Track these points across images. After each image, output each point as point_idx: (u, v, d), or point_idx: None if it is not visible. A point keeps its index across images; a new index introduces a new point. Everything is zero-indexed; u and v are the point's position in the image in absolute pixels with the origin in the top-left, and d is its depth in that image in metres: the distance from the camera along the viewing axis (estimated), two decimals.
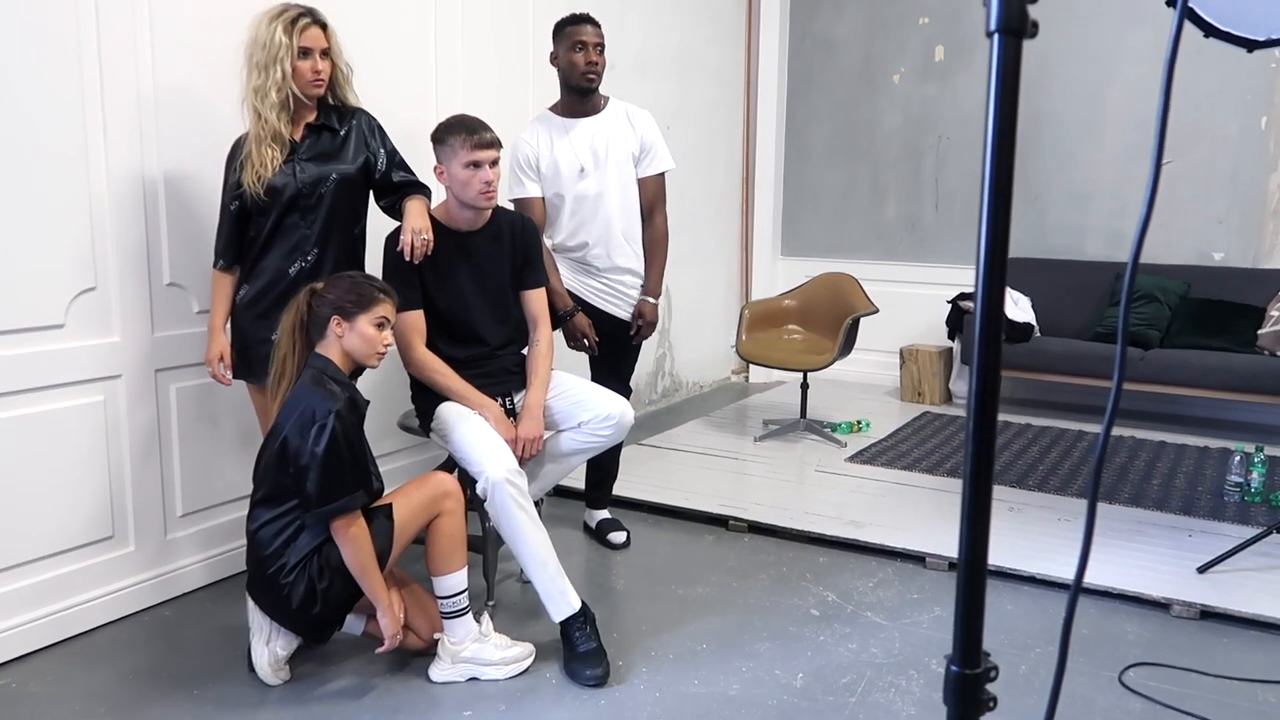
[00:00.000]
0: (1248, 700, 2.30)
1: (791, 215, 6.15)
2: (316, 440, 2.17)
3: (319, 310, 2.31)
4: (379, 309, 2.32)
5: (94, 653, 2.54)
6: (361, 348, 2.32)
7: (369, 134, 2.64)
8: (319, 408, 2.19)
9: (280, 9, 2.46)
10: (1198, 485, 3.81)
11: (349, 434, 2.22)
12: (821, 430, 4.55)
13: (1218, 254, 5.02)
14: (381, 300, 2.33)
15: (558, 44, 3.07)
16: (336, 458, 2.19)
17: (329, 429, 2.17)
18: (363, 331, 2.30)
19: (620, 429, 2.72)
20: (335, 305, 2.29)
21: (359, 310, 2.29)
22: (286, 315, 2.34)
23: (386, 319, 2.34)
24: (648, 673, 2.44)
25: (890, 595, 2.91)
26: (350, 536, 2.21)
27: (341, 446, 2.19)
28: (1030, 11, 0.83)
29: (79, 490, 2.61)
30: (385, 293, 2.36)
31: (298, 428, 2.20)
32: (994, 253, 0.88)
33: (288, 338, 2.33)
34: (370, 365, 2.38)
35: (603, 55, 3.06)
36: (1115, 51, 5.12)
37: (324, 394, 2.22)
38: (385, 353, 2.36)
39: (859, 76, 5.85)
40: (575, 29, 3.03)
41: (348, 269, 2.60)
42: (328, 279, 2.40)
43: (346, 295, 2.30)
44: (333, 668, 2.45)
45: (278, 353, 2.35)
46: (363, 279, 2.37)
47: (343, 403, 2.22)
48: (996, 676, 0.94)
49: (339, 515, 2.20)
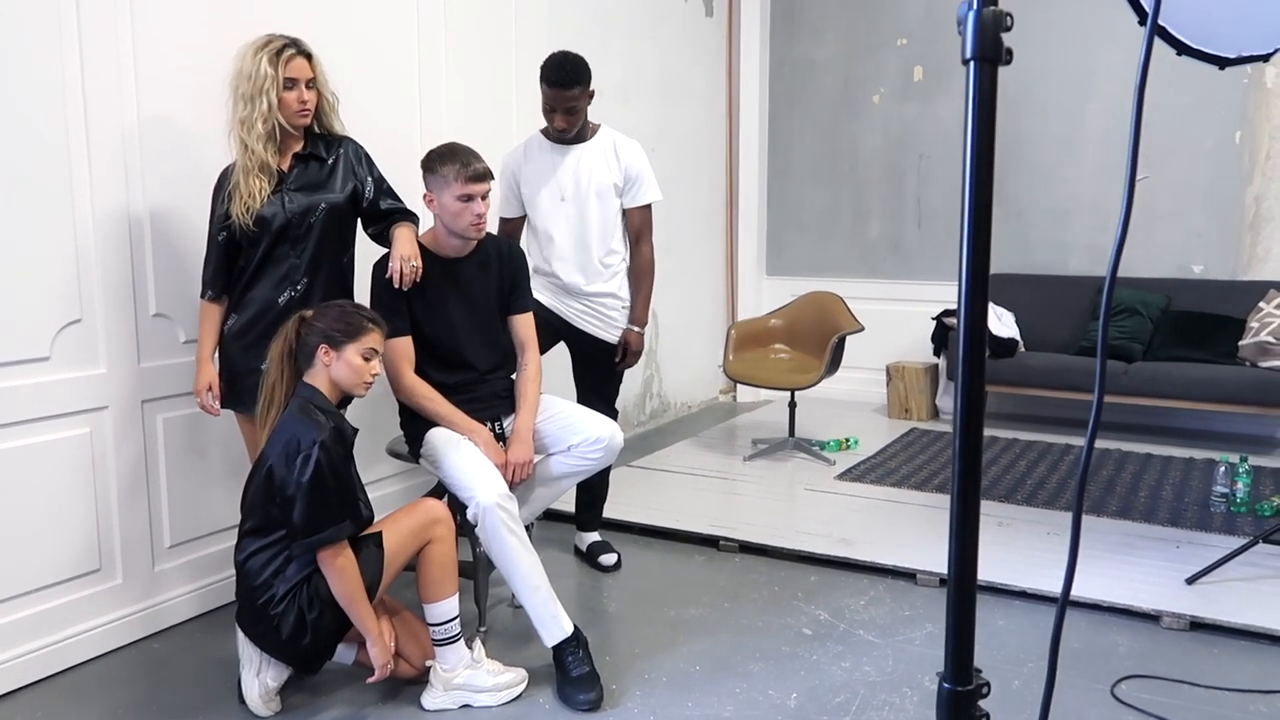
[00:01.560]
0: (1239, 711, 2.31)
1: (776, 235, 6.19)
2: (301, 470, 2.17)
3: (307, 339, 2.31)
4: (367, 339, 2.32)
5: (82, 688, 2.51)
6: (348, 377, 2.31)
7: (356, 162, 2.66)
8: (304, 437, 2.19)
9: (265, 41, 2.47)
10: (1184, 497, 3.84)
11: (334, 464, 2.21)
12: (810, 449, 4.56)
13: (1197, 267, 5.08)
14: (370, 330, 2.33)
15: (540, 83, 3.00)
16: (321, 488, 2.18)
17: (314, 459, 2.16)
18: (350, 361, 2.30)
19: (610, 452, 2.73)
20: (324, 334, 2.29)
21: (347, 340, 2.29)
22: (275, 343, 2.34)
23: (375, 349, 2.34)
24: (641, 696, 2.44)
25: (882, 613, 2.91)
26: (337, 567, 2.20)
27: (326, 477, 2.18)
28: (1004, 39, 0.85)
29: (66, 523, 2.59)
30: (374, 322, 2.35)
31: (283, 458, 2.20)
32: (975, 270, 0.90)
33: (276, 366, 2.33)
34: (357, 394, 2.38)
35: (576, 113, 2.99)
36: (1092, 70, 5.20)
37: (309, 424, 2.21)
38: (372, 382, 2.36)
39: (839, 98, 5.91)
40: (550, 90, 2.96)
41: (337, 298, 2.60)
42: (317, 307, 2.40)
43: (335, 324, 2.30)
44: (324, 698, 2.44)
45: (266, 380, 2.34)
46: (352, 308, 2.37)
47: (328, 432, 2.21)
48: (989, 692, 0.95)
49: (324, 546, 2.19)
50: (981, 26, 0.90)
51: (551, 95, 2.96)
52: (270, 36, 2.48)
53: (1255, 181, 4.92)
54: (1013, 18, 0.91)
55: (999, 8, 0.89)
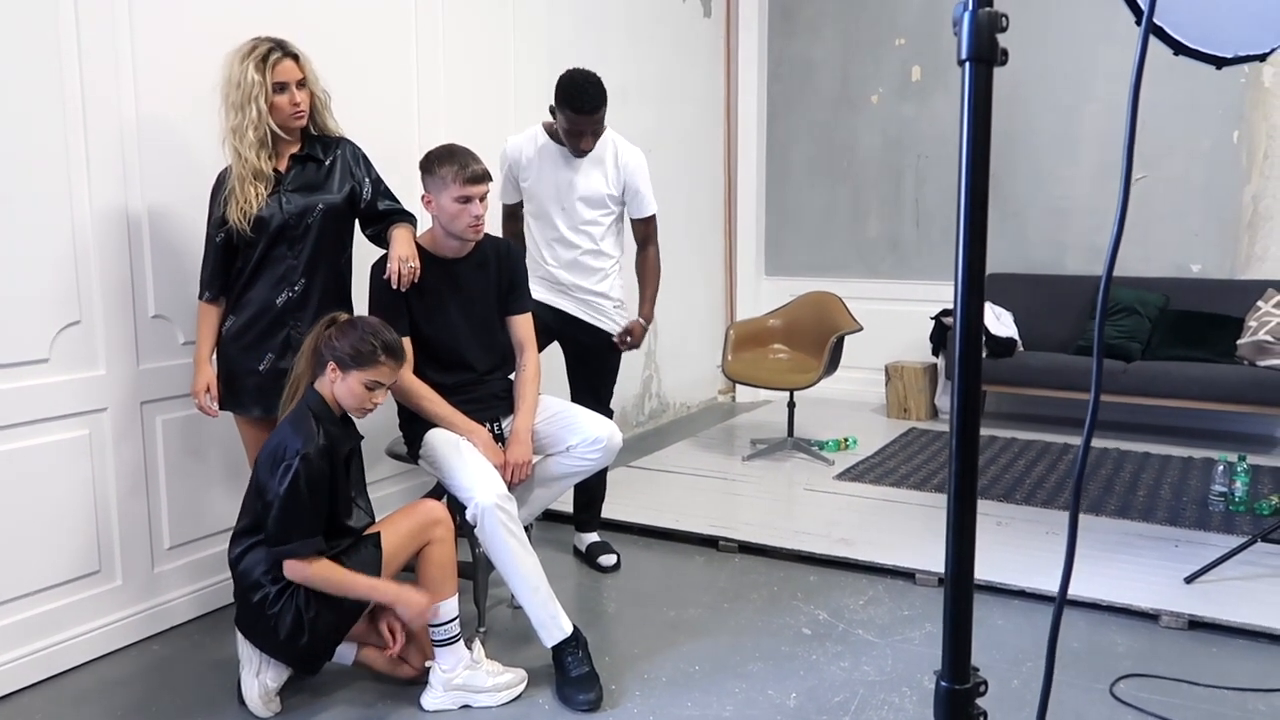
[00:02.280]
0: (1237, 709, 2.32)
1: (774, 235, 6.19)
2: (280, 479, 2.18)
3: (324, 350, 2.31)
4: (374, 372, 2.28)
5: (82, 690, 2.51)
6: (347, 400, 2.31)
7: (354, 163, 2.65)
8: (290, 446, 2.20)
9: (250, 46, 2.44)
10: (1183, 496, 3.84)
11: (313, 478, 2.19)
12: (809, 449, 4.57)
13: (1195, 266, 5.08)
14: (380, 365, 2.29)
15: (557, 105, 2.95)
16: (296, 500, 2.18)
17: (293, 470, 2.17)
18: (352, 387, 2.29)
19: (609, 452, 2.73)
20: (336, 353, 2.28)
21: (354, 367, 2.27)
22: (309, 338, 2.35)
23: (380, 383, 2.31)
24: (641, 696, 2.44)
25: (881, 612, 2.91)
26: (309, 575, 2.21)
27: (302, 491, 2.18)
28: (1000, 40, 0.85)
29: (65, 525, 2.59)
30: (390, 358, 2.30)
31: (269, 463, 2.22)
32: (971, 269, 0.90)
33: (305, 360, 2.34)
34: (355, 417, 2.38)
35: (599, 134, 3.00)
36: (1089, 70, 5.20)
37: (299, 434, 2.21)
38: (372, 409, 2.34)
39: (837, 97, 5.92)
40: (573, 115, 2.91)
41: (335, 298, 2.61)
42: (350, 318, 2.37)
43: (350, 348, 2.27)
44: (324, 699, 2.44)
45: (293, 373, 2.36)
46: (372, 335, 2.29)
47: (315, 447, 2.20)
48: (986, 691, 0.96)
49: (290, 558, 2.20)
50: (977, 27, 0.90)
51: (577, 120, 2.93)
52: (256, 41, 2.45)
53: (1253, 181, 4.92)
54: (1008, 19, 0.91)
55: (994, 9, 0.90)
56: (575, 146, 3.02)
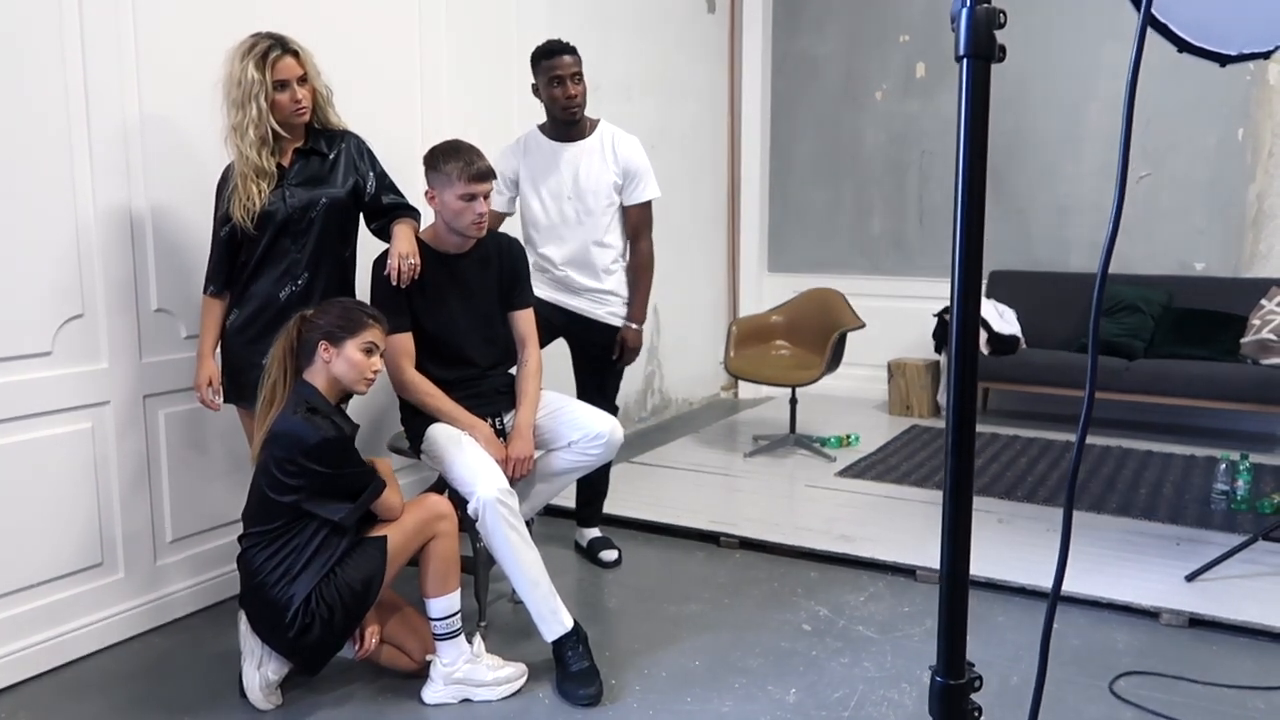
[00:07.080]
0: (1237, 707, 2.32)
1: (777, 232, 6.19)
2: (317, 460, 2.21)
3: (308, 336, 2.32)
4: (367, 334, 2.32)
5: (84, 681, 2.52)
6: (349, 373, 2.32)
7: (358, 157, 2.66)
8: (309, 436, 2.20)
9: (250, 44, 2.43)
10: (1184, 494, 3.84)
11: (345, 448, 2.27)
12: (811, 445, 4.57)
13: (1199, 264, 5.07)
14: (370, 325, 2.33)
15: (536, 76, 3.06)
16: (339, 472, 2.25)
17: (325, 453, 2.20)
18: (350, 357, 2.30)
19: (610, 447, 2.73)
20: (324, 330, 2.30)
21: (347, 335, 2.29)
22: (278, 342, 2.34)
23: (375, 344, 2.34)
24: (641, 691, 2.44)
25: (881, 609, 2.91)
26: (387, 508, 2.35)
27: (341, 461, 2.25)
28: (1000, 36, 0.85)
29: (68, 517, 2.60)
30: (375, 318, 2.36)
31: (284, 465, 2.22)
32: (969, 265, 0.90)
33: (277, 364, 2.34)
34: (358, 391, 2.38)
35: (581, 83, 3.03)
36: (1093, 67, 5.19)
37: (310, 426, 2.21)
38: (373, 379, 2.36)
39: (842, 94, 5.91)
40: (550, 62, 3.00)
41: (338, 292, 2.61)
42: (318, 305, 2.40)
43: (335, 320, 2.31)
44: (325, 692, 2.44)
45: (267, 379, 2.35)
46: (353, 305, 2.38)
47: (330, 429, 2.23)
48: (981, 686, 0.96)
49: (373, 500, 2.30)
50: (974, 23, 0.90)
51: (556, 66, 2.98)
52: (255, 38, 2.44)
53: (1258, 179, 4.91)
54: (1005, 15, 0.91)
55: (992, 5, 0.90)
56: (564, 103, 3.01)
